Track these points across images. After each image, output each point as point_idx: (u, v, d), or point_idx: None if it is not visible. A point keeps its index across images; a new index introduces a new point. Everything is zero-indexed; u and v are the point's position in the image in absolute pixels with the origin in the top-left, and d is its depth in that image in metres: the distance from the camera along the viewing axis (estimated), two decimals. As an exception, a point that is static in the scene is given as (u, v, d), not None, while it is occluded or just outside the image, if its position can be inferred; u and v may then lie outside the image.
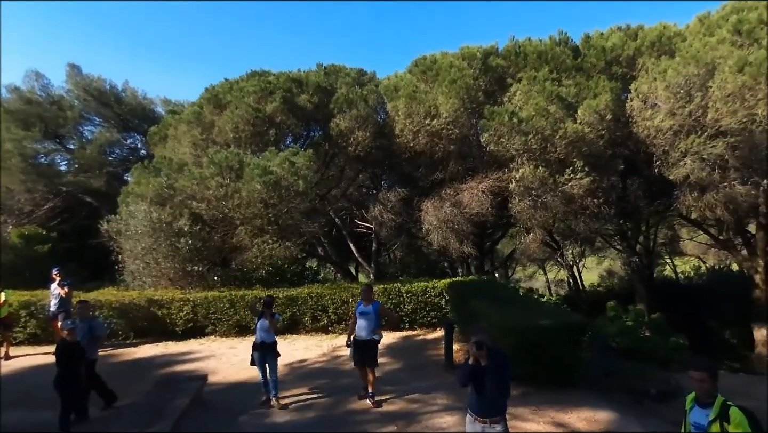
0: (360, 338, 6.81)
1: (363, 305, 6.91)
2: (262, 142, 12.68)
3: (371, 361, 6.82)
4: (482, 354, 3.81)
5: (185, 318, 10.86)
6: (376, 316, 6.81)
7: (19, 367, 8.96)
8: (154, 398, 6.73)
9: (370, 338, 6.77)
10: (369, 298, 6.95)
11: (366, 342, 6.77)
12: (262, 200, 10.67)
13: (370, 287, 7.33)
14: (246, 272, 12.04)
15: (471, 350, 3.85)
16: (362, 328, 6.79)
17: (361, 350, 6.81)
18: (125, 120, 19.91)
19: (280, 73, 14.09)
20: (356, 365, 6.98)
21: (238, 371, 8.65)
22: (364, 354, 6.80)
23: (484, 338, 3.93)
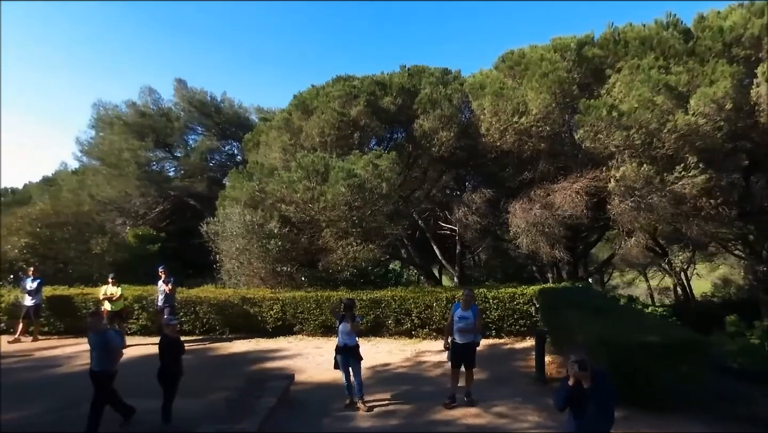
0: (460, 342, 6.84)
1: (462, 309, 6.91)
2: (346, 146, 12.89)
3: (470, 362, 6.88)
4: (585, 376, 3.40)
5: (275, 316, 11.30)
6: (475, 320, 6.84)
7: (132, 356, 9.83)
8: (245, 394, 7.00)
9: (469, 341, 6.82)
10: (470, 302, 6.96)
11: (466, 346, 6.82)
12: (347, 203, 10.81)
13: (471, 292, 7.29)
14: (331, 274, 12.29)
15: (572, 370, 3.46)
16: (462, 332, 6.82)
17: (460, 354, 6.86)
18: (223, 128, 21.40)
19: (364, 77, 14.24)
20: (453, 367, 6.99)
21: (323, 371, 8.76)
22: (463, 357, 6.86)
23: (586, 358, 3.51)
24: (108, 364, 5.98)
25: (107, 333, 6.18)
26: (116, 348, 6.10)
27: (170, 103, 20.80)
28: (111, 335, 6.19)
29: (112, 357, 6.03)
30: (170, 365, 6.18)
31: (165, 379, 6.15)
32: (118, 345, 6.19)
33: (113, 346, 6.06)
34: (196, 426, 6.07)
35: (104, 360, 5.94)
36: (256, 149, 15.49)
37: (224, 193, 13.50)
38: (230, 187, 13.20)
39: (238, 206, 11.95)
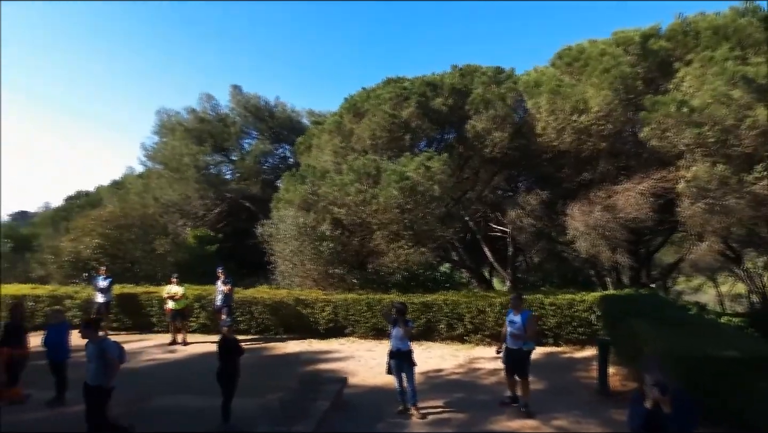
0: (510, 348, 6.80)
1: (513, 314, 6.87)
2: (397, 148, 12.83)
3: (521, 371, 6.74)
4: (666, 401, 3.13)
5: (327, 318, 11.41)
6: (523, 326, 6.68)
7: (193, 352, 10.27)
8: (299, 396, 7.08)
9: (518, 347, 6.70)
10: (518, 306, 6.88)
11: (515, 352, 6.74)
12: (399, 206, 10.75)
13: (519, 296, 7.19)
14: (382, 276, 12.28)
15: (651, 393, 3.19)
16: (511, 337, 6.77)
17: (512, 360, 6.81)
18: (276, 132, 21.95)
19: (415, 78, 14.12)
20: (506, 373, 6.99)
21: (376, 375, 8.74)
22: (515, 364, 6.78)
23: (665, 379, 3.23)
24: (104, 378, 5.44)
25: (104, 341, 5.63)
26: (113, 359, 5.48)
27: (227, 108, 21.60)
28: (108, 344, 5.58)
29: (109, 370, 5.45)
30: (228, 366, 6.34)
31: (223, 379, 6.32)
32: (115, 356, 5.51)
33: (110, 356, 5.44)
34: (252, 426, 6.20)
35: (101, 373, 5.42)
36: (308, 152, 15.75)
37: (278, 196, 13.79)
38: (284, 190, 13.47)
39: (291, 209, 12.19)
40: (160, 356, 10.03)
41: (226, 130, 20.59)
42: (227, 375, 6.28)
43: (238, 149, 21.26)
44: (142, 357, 9.91)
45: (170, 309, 10.75)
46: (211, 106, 21.12)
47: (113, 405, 5.82)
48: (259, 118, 21.57)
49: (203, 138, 19.71)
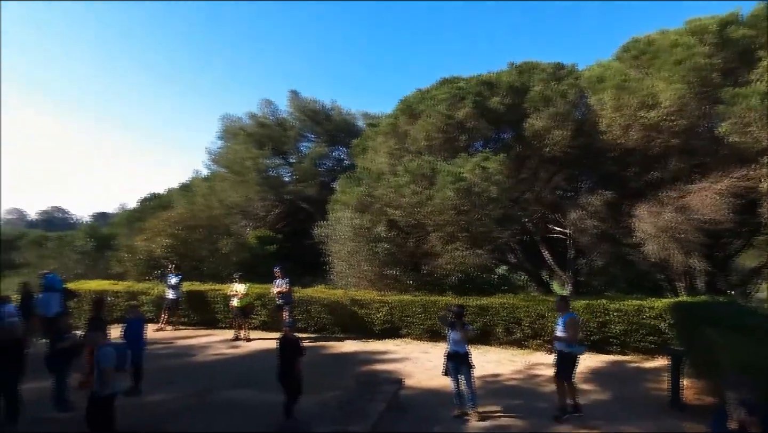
0: (556, 350, 6.83)
1: (559, 316, 6.89)
2: (452, 149, 12.70)
3: (562, 374, 6.70)
4: (755, 422, 2.88)
5: (382, 319, 11.50)
6: (563, 327, 6.67)
7: (254, 349, 10.68)
8: (356, 395, 7.19)
9: (561, 350, 6.69)
10: (561, 308, 6.90)
11: (560, 354, 6.73)
12: (454, 207, 10.64)
13: (563, 298, 7.20)
14: (438, 278, 12.19)
15: (738, 414, 2.95)
16: (556, 339, 6.79)
17: (557, 362, 6.79)
18: (332, 135, 22.40)
19: (471, 78, 13.93)
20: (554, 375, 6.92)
21: (432, 377, 8.69)
22: (558, 366, 6.75)
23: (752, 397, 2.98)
24: (98, 385, 5.17)
25: (101, 349, 5.34)
26: (106, 368, 5.15)
27: (285, 113, 22.32)
28: (103, 352, 5.26)
29: (102, 377, 5.15)
30: (287, 366, 6.47)
31: (281, 378, 6.46)
32: (110, 364, 5.18)
33: (102, 364, 5.15)
34: (310, 423, 6.38)
35: (97, 381, 5.20)
36: (363, 154, 15.95)
37: (334, 198, 14.06)
38: (340, 192, 13.71)
39: (347, 210, 12.38)
40: (225, 351, 10.52)
41: (284, 134, 21.29)
42: (288, 375, 6.44)
43: (296, 152, 21.90)
44: (209, 351, 10.43)
45: (234, 306, 11.26)
46: (270, 111, 21.92)
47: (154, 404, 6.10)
48: (315, 122, 22.10)
49: (263, 142, 20.47)
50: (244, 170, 19.23)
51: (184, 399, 7.52)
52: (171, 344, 11.03)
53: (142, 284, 13.72)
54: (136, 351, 7.64)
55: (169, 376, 8.54)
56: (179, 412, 6.97)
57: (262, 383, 7.64)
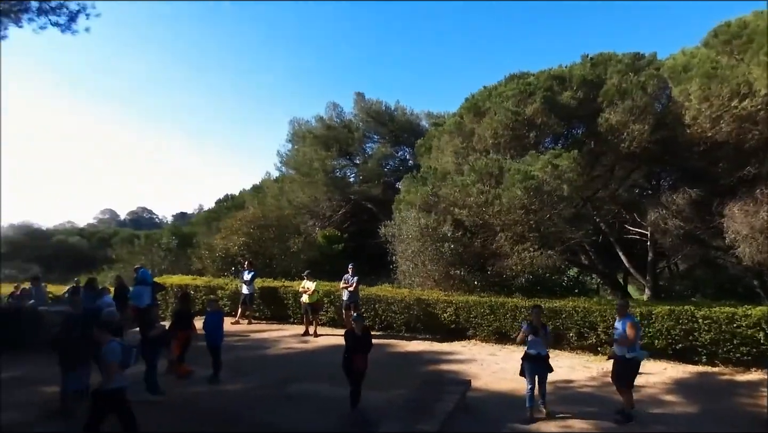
0: (615, 354, 6.67)
1: (617, 321, 6.72)
2: (520, 146, 12.37)
3: (620, 379, 6.56)
4: None
5: (448, 319, 11.40)
6: (623, 332, 6.48)
7: (323, 344, 11.00)
8: (423, 394, 7.19)
9: (622, 354, 6.50)
10: (621, 312, 6.71)
11: (618, 359, 6.56)
12: (523, 206, 10.35)
13: (625, 301, 7.23)
14: (505, 279, 11.90)
15: None
16: (615, 343, 6.66)
17: (614, 367, 6.65)
18: (396, 135, 22.58)
19: (540, 73, 13.48)
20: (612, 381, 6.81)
21: (499, 380, 8.52)
22: (619, 373, 6.59)
23: None
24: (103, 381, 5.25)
25: (107, 344, 5.35)
26: (110, 363, 5.21)
27: (351, 115, 22.80)
28: (109, 348, 5.29)
29: (106, 372, 5.22)
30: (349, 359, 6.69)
31: (345, 370, 6.71)
32: (115, 360, 5.23)
33: (107, 359, 5.22)
34: (378, 418, 6.48)
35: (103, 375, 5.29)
36: (427, 154, 15.93)
37: (399, 198, 14.15)
38: (405, 192, 13.79)
39: (413, 210, 12.42)
40: (295, 345, 10.93)
41: (350, 135, 21.76)
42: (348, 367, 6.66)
43: (361, 153, 22.32)
44: (281, 345, 10.89)
45: (304, 302, 11.68)
46: (336, 113, 22.49)
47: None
48: (380, 123, 22.38)
49: (330, 144, 21.05)
50: (311, 171, 19.89)
51: (259, 389, 7.91)
52: (245, 337, 11.63)
53: (219, 280, 14.60)
54: (216, 342, 8.17)
55: (244, 367, 9.01)
56: (255, 401, 7.34)
57: (331, 377, 7.86)
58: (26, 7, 8.48)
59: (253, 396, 7.57)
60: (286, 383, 8.18)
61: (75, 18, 8.84)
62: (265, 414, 6.81)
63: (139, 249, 20.43)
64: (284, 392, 7.77)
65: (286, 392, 7.81)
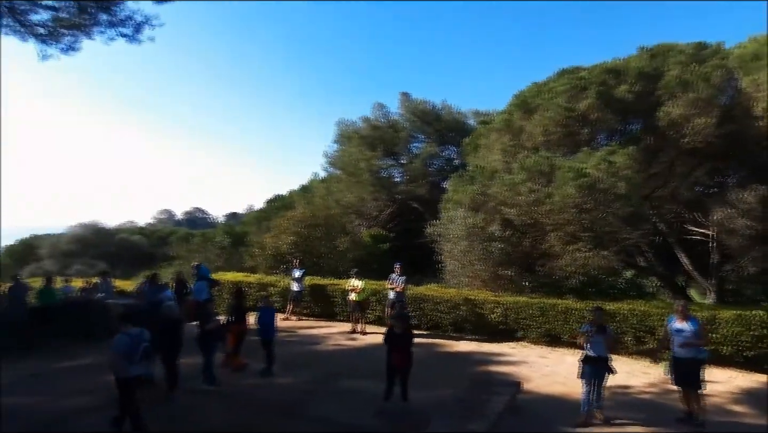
0: (680, 357, 6.45)
1: (677, 321, 6.56)
2: (572, 143, 11.98)
3: (693, 382, 6.38)
4: None
5: (497, 320, 11.22)
6: (695, 334, 6.38)
7: (370, 342, 11.09)
8: (472, 395, 7.14)
9: (691, 356, 6.35)
10: (685, 313, 6.57)
11: (687, 362, 6.38)
12: (576, 205, 10.01)
13: (685, 302, 7.21)
14: (556, 280, 11.57)
15: None
16: (682, 346, 6.44)
17: (683, 371, 6.46)
18: (442, 134, 22.42)
19: (593, 67, 12.97)
20: (677, 384, 6.66)
21: (551, 383, 8.32)
22: (686, 375, 6.42)
23: None
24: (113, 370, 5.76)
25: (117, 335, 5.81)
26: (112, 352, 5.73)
27: (397, 115, 22.86)
28: (116, 339, 5.76)
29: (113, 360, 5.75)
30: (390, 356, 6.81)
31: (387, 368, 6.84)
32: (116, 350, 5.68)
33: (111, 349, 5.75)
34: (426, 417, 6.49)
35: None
36: (475, 153, 15.73)
37: (446, 197, 14.05)
38: (452, 191, 13.68)
39: (460, 209, 12.31)
40: (343, 342, 11.10)
41: (396, 135, 21.83)
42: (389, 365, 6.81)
43: (407, 153, 22.33)
44: (329, 342, 11.10)
45: (352, 301, 11.83)
46: (382, 113, 22.60)
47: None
48: (426, 122, 22.30)
49: (376, 144, 21.19)
50: (357, 172, 20.10)
51: (309, 384, 8.10)
52: (295, 333, 11.92)
53: (270, 277, 15.03)
54: (268, 337, 8.43)
55: (295, 362, 9.25)
56: (306, 395, 7.53)
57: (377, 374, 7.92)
58: (97, 20, 9.09)
59: (303, 390, 7.76)
60: (335, 379, 8.33)
61: (140, 29, 9.38)
62: (315, 408, 6.99)
63: (194, 247, 21.36)
64: (333, 387, 7.93)
65: (334, 387, 7.96)
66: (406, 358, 6.89)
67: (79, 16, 9.23)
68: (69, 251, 33.19)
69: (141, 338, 5.87)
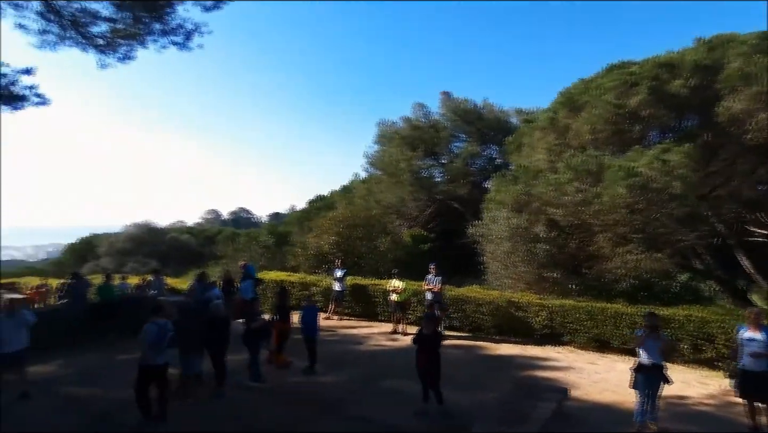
0: (751, 370, 6.03)
1: (749, 331, 6.13)
2: (622, 141, 11.52)
3: (764, 396, 6.05)
4: None
5: (541, 323, 10.92)
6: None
7: (410, 344, 10.99)
8: (517, 399, 6.95)
9: (764, 369, 5.94)
10: (758, 323, 6.12)
11: (757, 375, 5.98)
12: (627, 205, 9.60)
13: (759, 310, 6.55)
14: (605, 283, 11.12)
15: None
16: (753, 357, 6.02)
17: (753, 384, 6.05)
18: (484, 133, 22.09)
19: (645, 61, 12.42)
20: (743, 397, 6.24)
21: (601, 390, 8.00)
22: (757, 388, 6.05)
23: None
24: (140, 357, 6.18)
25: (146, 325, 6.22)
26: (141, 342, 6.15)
27: (437, 114, 22.73)
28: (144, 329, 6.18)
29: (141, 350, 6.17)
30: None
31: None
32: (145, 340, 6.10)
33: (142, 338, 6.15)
34: (468, 420, 6.38)
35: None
36: (518, 152, 15.41)
37: (488, 197, 13.83)
38: (494, 191, 13.45)
39: (503, 210, 12.07)
40: (384, 343, 11.11)
41: (436, 135, 21.69)
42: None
43: (447, 153, 22.15)
44: (370, 342, 11.14)
45: (393, 301, 11.84)
46: (423, 113, 22.52)
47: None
48: (467, 122, 22.04)
49: (416, 144, 21.14)
50: (398, 172, 20.11)
51: (350, 383, 8.16)
52: (337, 332, 12.04)
53: (312, 276, 15.27)
54: (312, 335, 8.55)
55: (337, 360, 9.33)
56: (348, 394, 7.58)
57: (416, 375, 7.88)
58: (151, 29, 9.53)
59: (345, 389, 7.81)
60: (376, 379, 8.34)
61: (190, 36, 9.76)
62: (356, 407, 7.01)
63: (240, 246, 22.01)
64: (374, 387, 7.94)
65: (375, 387, 7.97)
66: (433, 360, 6.79)
67: (134, 26, 9.71)
68: (124, 250, 35.05)
69: (167, 328, 6.25)
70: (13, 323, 6.96)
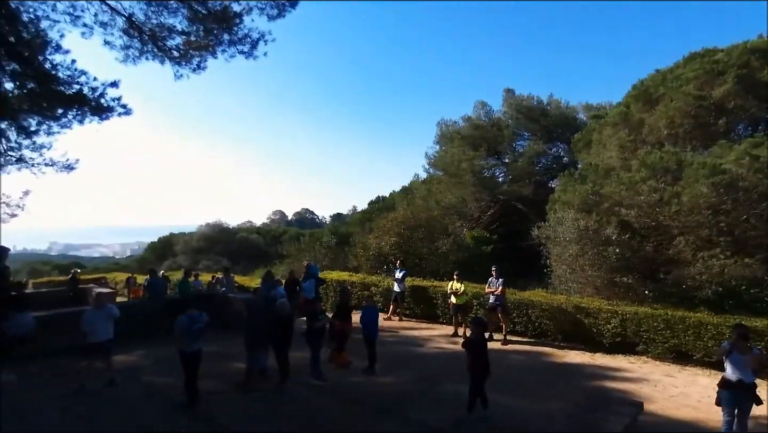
0: None
1: None
2: (704, 136, 10.62)
3: None
4: None
5: (612, 331, 10.29)
6: None
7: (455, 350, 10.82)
8: (586, 413, 6.60)
9: None
10: None
11: None
12: (710, 206, 8.81)
13: None
14: (685, 290, 10.26)
15: None
16: None
17: None
18: (549, 131, 21.25)
19: (732, 47, 11.37)
20: None
21: (679, 406, 7.40)
22: None
23: None
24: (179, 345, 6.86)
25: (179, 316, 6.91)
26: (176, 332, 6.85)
27: (500, 113, 22.16)
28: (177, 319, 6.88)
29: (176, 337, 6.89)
30: None
31: None
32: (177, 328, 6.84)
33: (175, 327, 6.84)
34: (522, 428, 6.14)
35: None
36: (586, 149, 14.67)
37: (554, 197, 13.28)
38: (561, 191, 12.87)
39: (570, 210, 11.52)
40: (444, 345, 10.96)
41: (499, 134, 21.17)
42: None
43: (510, 151, 21.56)
44: (431, 344, 11.05)
45: (453, 303, 11.67)
46: (484, 112, 22.09)
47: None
48: (531, 119, 21.33)
49: (478, 143, 20.75)
50: (459, 172, 19.82)
51: (409, 384, 8.12)
52: (397, 333, 12.06)
53: (373, 277, 15.41)
54: (372, 336, 8.61)
55: (397, 361, 9.34)
56: (406, 395, 7.55)
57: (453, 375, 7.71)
58: (220, 40, 10.06)
59: (403, 390, 7.79)
60: (435, 381, 8.25)
61: (256, 45, 10.20)
62: (414, 409, 6.96)
63: (304, 246, 22.69)
64: (432, 390, 7.85)
65: (434, 389, 7.88)
66: (481, 363, 6.58)
67: (206, 38, 10.29)
68: (198, 248, 37.36)
69: (198, 319, 6.92)
70: (101, 316, 7.62)
